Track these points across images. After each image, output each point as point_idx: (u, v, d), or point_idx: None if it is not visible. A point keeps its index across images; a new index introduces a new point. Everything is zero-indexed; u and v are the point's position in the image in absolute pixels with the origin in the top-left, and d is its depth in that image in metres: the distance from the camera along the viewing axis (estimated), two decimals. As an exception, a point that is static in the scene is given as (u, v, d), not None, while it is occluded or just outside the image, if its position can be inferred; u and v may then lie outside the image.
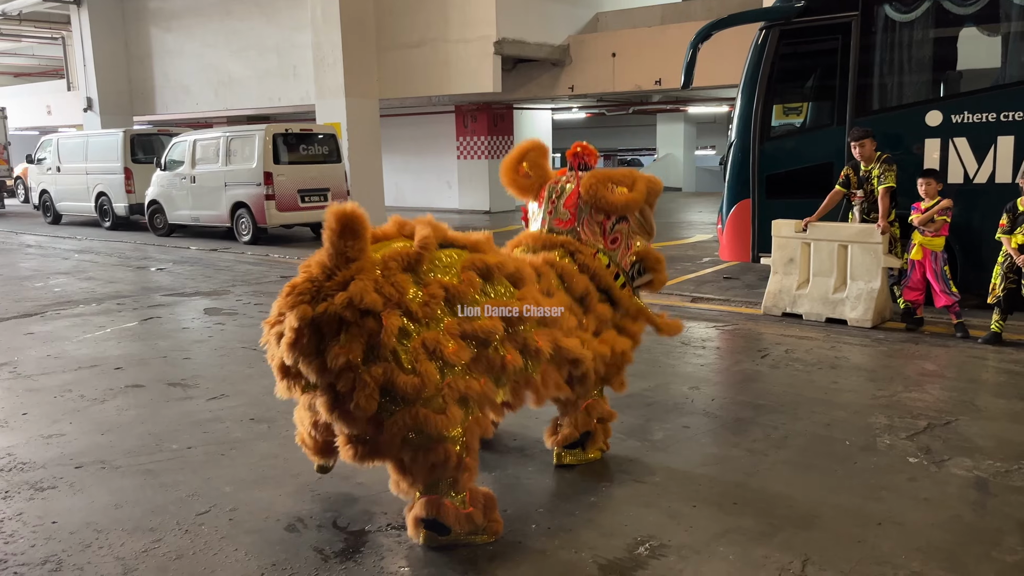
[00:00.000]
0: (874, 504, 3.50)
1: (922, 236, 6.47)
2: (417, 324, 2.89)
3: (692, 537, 3.23)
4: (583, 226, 3.85)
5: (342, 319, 2.78)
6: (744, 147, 8.13)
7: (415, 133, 20.50)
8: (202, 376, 5.70)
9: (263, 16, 17.91)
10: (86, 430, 4.62)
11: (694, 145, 26.87)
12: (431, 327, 2.92)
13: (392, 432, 2.89)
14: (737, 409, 4.85)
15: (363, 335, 2.79)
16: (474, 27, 14.44)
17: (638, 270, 4.04)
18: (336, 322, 2.79)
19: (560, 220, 3.87)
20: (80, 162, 17.16)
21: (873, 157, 6.86)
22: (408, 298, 2.90)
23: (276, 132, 13.29)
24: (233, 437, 4.47)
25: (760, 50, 8.00)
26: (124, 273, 10.79)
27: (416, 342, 2.87)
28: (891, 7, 7.34)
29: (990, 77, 7.40)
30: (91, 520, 3.47)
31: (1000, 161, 6.91)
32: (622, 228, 3.91)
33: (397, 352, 2.83)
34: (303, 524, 3.41)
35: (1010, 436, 4.30)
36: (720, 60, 10.79)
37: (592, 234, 3.85)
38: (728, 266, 10.07)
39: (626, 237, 3.94)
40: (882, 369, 5.66)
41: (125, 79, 21.28)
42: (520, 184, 4.00)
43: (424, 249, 3.03)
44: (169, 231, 15.29)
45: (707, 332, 6.84)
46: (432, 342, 2.88)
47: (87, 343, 6.72)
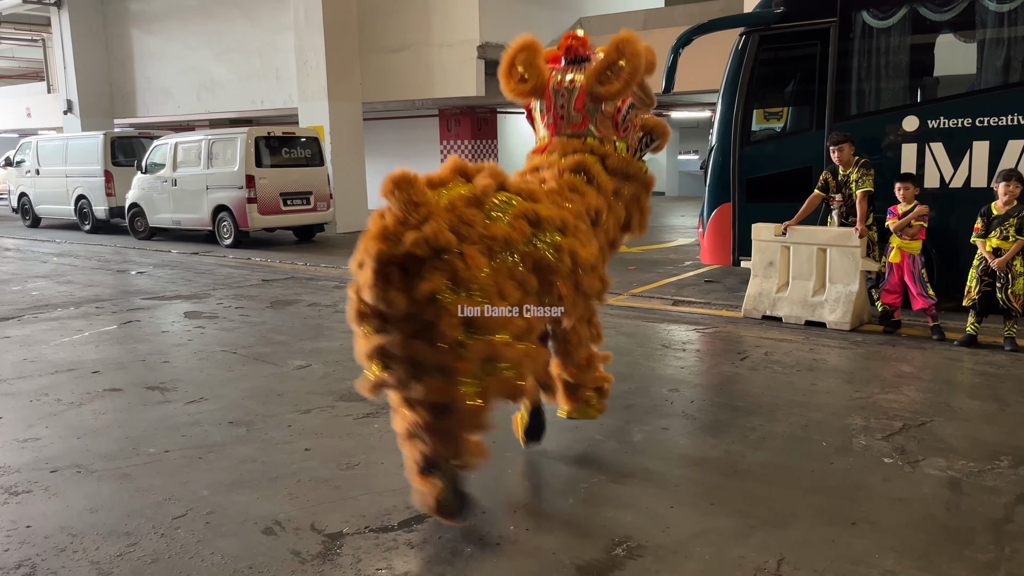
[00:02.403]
0: (849, 504, 3.54)
1: (900, 239, 6.55)
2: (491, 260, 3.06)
3: (669, 538, 3.25)
4: (596, 124, 3.92)
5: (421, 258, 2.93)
6: (725, 151, 8.19)
7: (399, 136, 20.48)
8: (181, 380, 5.67)
9: (245, 19, 17.84)
10: (62, 434, 4.58)
11: (676, 149, 26.99)
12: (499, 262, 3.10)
13: (472, 358, 3.02)
14: (716, 411, 4.88)
15: (445, 270, 2.95)
16: (457, 31, 14.46)
17: (646, 142, 4.18)
18: (415, 261, 2.94)
19: (573, 124, 3.93)
20: (60, 165, 17.01)
21: (851, 162, 6.93)
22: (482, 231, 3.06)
23: (258, 135, 13.23)
24: (211, 441, 4.44)
25: (740, 55, 8.06)
26: (103, 276, 10.70)
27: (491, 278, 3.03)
28: (868, 13, 7.42)
29: (966, 83, 7.49)
30: (66, 524, 3.45)
31: (975, 166, 7.00)
32: (631, 114, 4.01)
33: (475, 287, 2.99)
34: (280, 527, 3.39)
35: (983, 437, 4.35)
36: (701, 65, 10.85)
37: (605, 128, 3.93)
38: (709, 269, 10.13)
39: (634, 119, 4.06)
40: (859, 371, 5.71)
41: (106, 82, 21.13)
42: (519, 89, 3.97)
43: (484, 194, 3.15)
44: (150, 234, 15.18)
45: (688, 335, 6.88)
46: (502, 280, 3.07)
47: (65, 347, 6.66)
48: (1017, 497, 3.57)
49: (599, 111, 3.89)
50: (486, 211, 3.14)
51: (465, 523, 3.32)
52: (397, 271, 2.95)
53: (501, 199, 3.23)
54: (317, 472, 3.96)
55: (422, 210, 2.95)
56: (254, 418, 4.78)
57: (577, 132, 3.93)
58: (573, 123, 3.92)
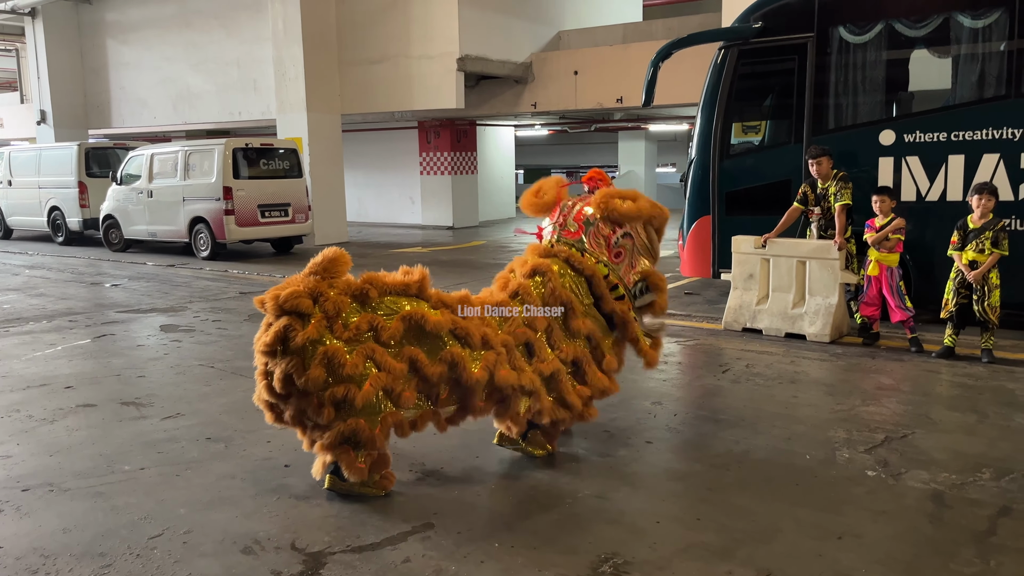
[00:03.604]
0: (834, 517, 3.53)
1: (878, 252, 6.60)
2: (331, 337, 3.54)
3: (655, 553, 3.22)
4: (589, 237, 4.19)
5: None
6: (704, 164, 8.24)
7: (378, 148, 20.40)
8: (157, 395, 5.57)
9: (223, 29, 17.72)
10: (34, 451, 4.47)
11: (655, 162, 27.14)
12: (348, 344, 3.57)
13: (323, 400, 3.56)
14: (699, 424, 4.87)
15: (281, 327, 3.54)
16: (437, 44, 14.45)
17: (641, 289, 4.32)
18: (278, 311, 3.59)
19: (569, 231, 4.25)
20: (32, 176, 16.75)
21: (830, 175, 6.99)
22: (341, 316, 3.58)
23: (236, 146, 13.11)
24: (188, 457, 4.36)
25: (719, 69, 8.12)
26: (77, 289, 10.53)
27: (320, 350, 3.50)
28: (845, 29, 7.51)
29: (941, 98, 7.60)
30: (38, 545, 3.35)
31: (951, 179, 7.08)
32: (626, 243, 4.23)
33: (305, 350, 3.50)
34: (260, 546, 3.32)
35: (964, 448, 4.38)
36: (680, 79, 10.94)
37: (597, 246, 4.18)
38: (689, 282, 10.17)
39: (630, 254, 4.27)
40: (840, 383, 5.73)
41: (80, 92, 20.88)
42: (536, 205, 4.41)
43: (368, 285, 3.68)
44: (125, 246, 14.98)
45: (669, 347, 6.88)
46: (332, 353, 3.51)
47: (37, 361, 6.53)
48: (1000, 509, 3.59)
49: (596, 226, 4.18)
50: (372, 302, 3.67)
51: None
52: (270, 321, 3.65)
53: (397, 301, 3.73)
54: (298, 489, 3.89)
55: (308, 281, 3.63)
56: (232, 434, 4.70)
57: (570, 241, 4.24)
58: (569, 230, 4.26)
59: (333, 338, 3.52)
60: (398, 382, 3.60)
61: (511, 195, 21.22)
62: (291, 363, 3.47)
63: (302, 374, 3.46)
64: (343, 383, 3.50)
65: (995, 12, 6.90)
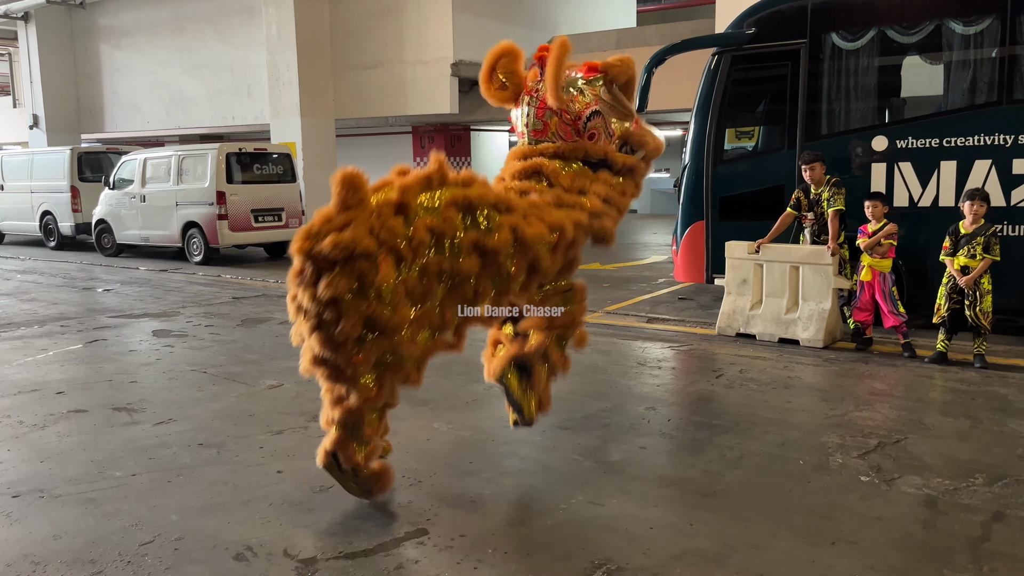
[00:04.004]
0: (828, 523, 3.53)
1: (871, 258, 6.62)
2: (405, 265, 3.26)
3: (650, 559, 3.21)
4: (557, 132, 3.92)
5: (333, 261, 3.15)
6: (698, 170, 8.25)
7: (372, 153, 20.40)
8: (149, 400, 5.54)
9: (217, 34, 17.72)
10: (24, 457, 4.44)
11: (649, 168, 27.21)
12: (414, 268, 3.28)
13: (368, 355, 3.29)
14: (693, 429, 4.87)
15: (354, 273, 3.15)
16: (431, 49, 14.48)
17: (626, 152, 4.08)
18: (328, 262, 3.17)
19: (536, 131, 3.98)
20: (25, 180, 16.72)
21: (823, 180, 7.01)
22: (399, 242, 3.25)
23: (230, 151, 13.10)
24: (180, 463, 4.34)
25: (713, 75, 8.15)
26: (69, 294, 10.48)
27: (400, 285, 3.24)
28: (838, 35, 7.54)
29: (933, 104, 7.63)
30: (28, 552, 3.33)
31: (943, 185, 7.11)
32: (596, 123, 3.93)
33: (382, 291, 3.19)
34: (252, 553, 3.30)
35: (957, 454, 4.38)
36: (674, 85, 10.95)
37: (566, 135, 3.92)
38: (683, 287, 10.18)
39: (604, 129, 3.97)
40: (834, 388, 5.74)
41: (73, 96, 20.85)
42: (499, 95, 4.03)
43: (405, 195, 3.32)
44: (117, 251, 14.93)
45: (663, 352, 6.89)
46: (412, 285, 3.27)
47: (28, 367, 6.49)
48: (993, 515, 3.59)
49: (556, 118, 3.90)
50: (415, 210, 3.32)
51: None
52: (312, 269, 3.20)
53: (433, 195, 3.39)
54: (290, 495, 3.87)
55: (348, 214, 3.18)
56: (225, 439, 4.68)
57: (540, 139, 3.98)
58: (536, 130, 3.97)
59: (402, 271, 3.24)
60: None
61: (505, 200, 21.21)
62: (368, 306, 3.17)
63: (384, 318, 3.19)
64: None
65: (986, 19, 6.95)
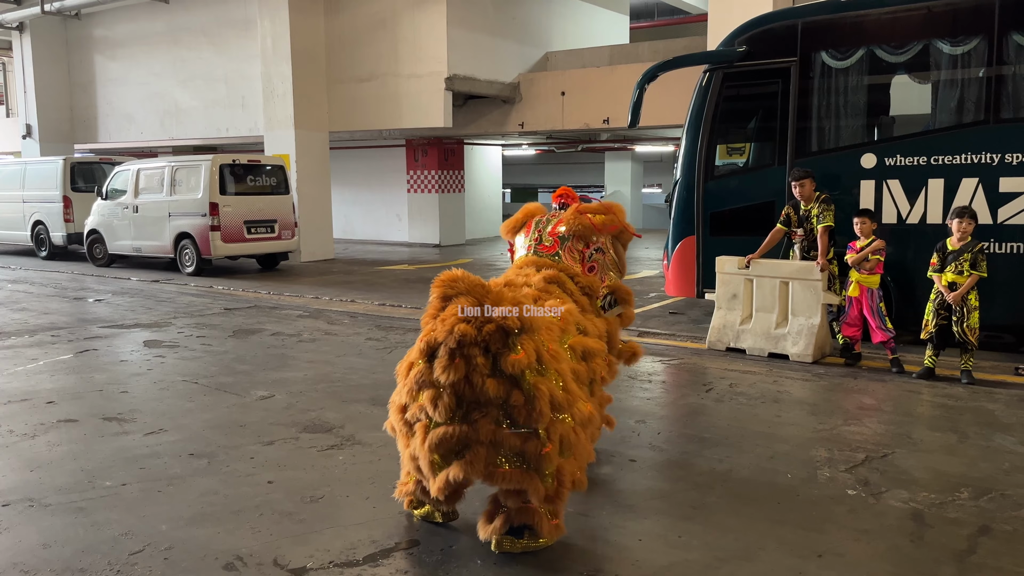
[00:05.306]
0: (815, 536, 3.56)
1: (859, 274, 6.68)
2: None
3: (639, 571, 3.23)
4: (564, 251, 4.26)
5: (505, 336, 3.11)
6: (689, 185, 8.32)
7: (365, 166, 20.45)
8: (140, 410, 5.53)
9: (212, 46, 17.76)
10: (14, 466, 4.43)
11: (641, 183, 27.35)
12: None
13: (555, 440, 3.16)
14: (683, 443, 4.89)
15: (531, 348, 3.14)
16: (425, 63, 14.55)
17: (609, 302, 4.39)
18: (497, 339, 3.11)
19: (544, 246, 4.32)
20: (17, 190, 16.68)
21: (812, 197, 7.08)
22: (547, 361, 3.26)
23: (223, 162, 13.11)
24: (171, 473, 4.34)
25: (704, 92, 8.23)
26: (60, 304, 10.46)
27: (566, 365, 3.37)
28: (827, 54, 7.64)
29: (921, 122, 7.73)
30: (18, 560, 3.32)
31: (931, 202, 7.19)
32: (599, 258, 4.33)
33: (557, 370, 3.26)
34: (242, 563, 3.31)
35: (944, 468, 4.42)
36: (666, 101, 11.05)
37: (572, 260, 4.24)
38: (674, 301, 10.23)
39: (602, 268, 4.34)
40: (822, 403, 5.78)
41: (67, 106, 20.83)
42: (508, 227, 4.59)
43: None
44: (109, 261, 14.89)
45: (653, 366, 6.92)
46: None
47: (18, 376, 6.48)
48: (979, 529, 3.62)
49: (571, 241, 4.28)
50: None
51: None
52: (479, 352, 3.06)
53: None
54: (280, 505, 3.88)
55: (492, 296, 3.17)
56: (215, 450, 4.68)
57: (548, 254, 4.31)
58: (544, 244, 4.34)
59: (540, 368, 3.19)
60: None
61: (498, 214, 21.30)
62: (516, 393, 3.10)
63: (535, 407, 3.08)
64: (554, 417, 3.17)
65: (973, 39, 7.05)
